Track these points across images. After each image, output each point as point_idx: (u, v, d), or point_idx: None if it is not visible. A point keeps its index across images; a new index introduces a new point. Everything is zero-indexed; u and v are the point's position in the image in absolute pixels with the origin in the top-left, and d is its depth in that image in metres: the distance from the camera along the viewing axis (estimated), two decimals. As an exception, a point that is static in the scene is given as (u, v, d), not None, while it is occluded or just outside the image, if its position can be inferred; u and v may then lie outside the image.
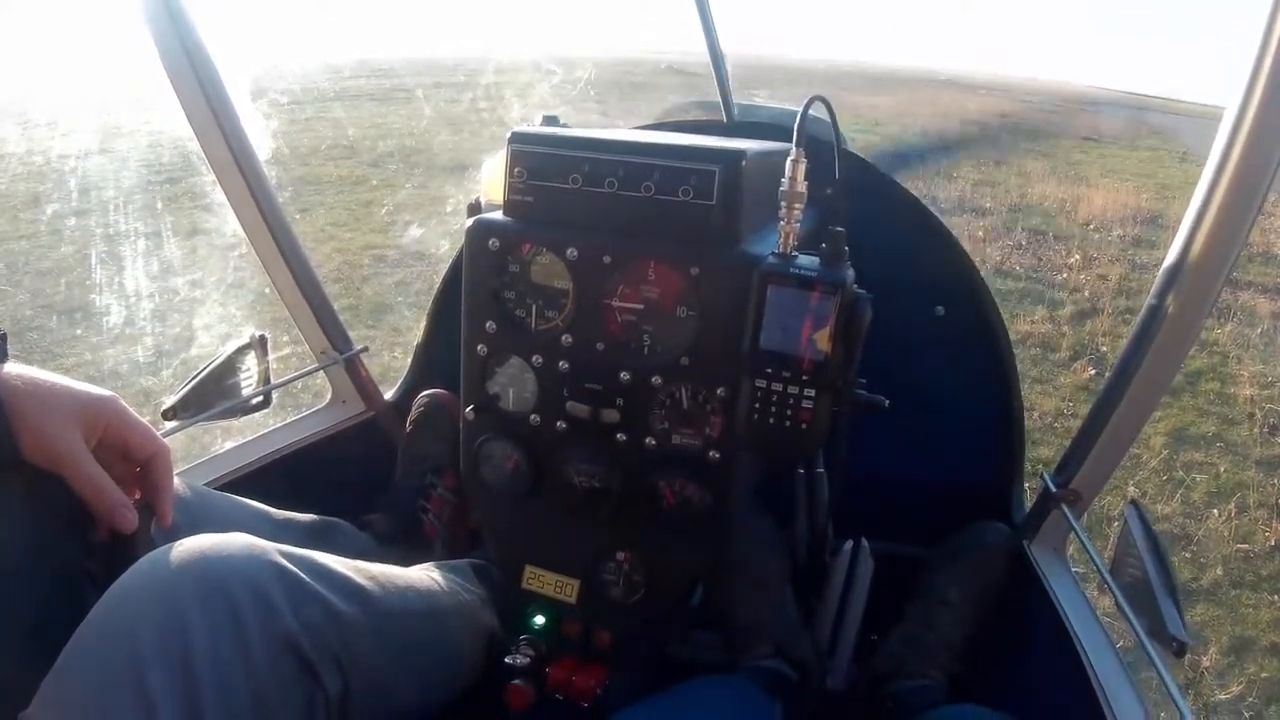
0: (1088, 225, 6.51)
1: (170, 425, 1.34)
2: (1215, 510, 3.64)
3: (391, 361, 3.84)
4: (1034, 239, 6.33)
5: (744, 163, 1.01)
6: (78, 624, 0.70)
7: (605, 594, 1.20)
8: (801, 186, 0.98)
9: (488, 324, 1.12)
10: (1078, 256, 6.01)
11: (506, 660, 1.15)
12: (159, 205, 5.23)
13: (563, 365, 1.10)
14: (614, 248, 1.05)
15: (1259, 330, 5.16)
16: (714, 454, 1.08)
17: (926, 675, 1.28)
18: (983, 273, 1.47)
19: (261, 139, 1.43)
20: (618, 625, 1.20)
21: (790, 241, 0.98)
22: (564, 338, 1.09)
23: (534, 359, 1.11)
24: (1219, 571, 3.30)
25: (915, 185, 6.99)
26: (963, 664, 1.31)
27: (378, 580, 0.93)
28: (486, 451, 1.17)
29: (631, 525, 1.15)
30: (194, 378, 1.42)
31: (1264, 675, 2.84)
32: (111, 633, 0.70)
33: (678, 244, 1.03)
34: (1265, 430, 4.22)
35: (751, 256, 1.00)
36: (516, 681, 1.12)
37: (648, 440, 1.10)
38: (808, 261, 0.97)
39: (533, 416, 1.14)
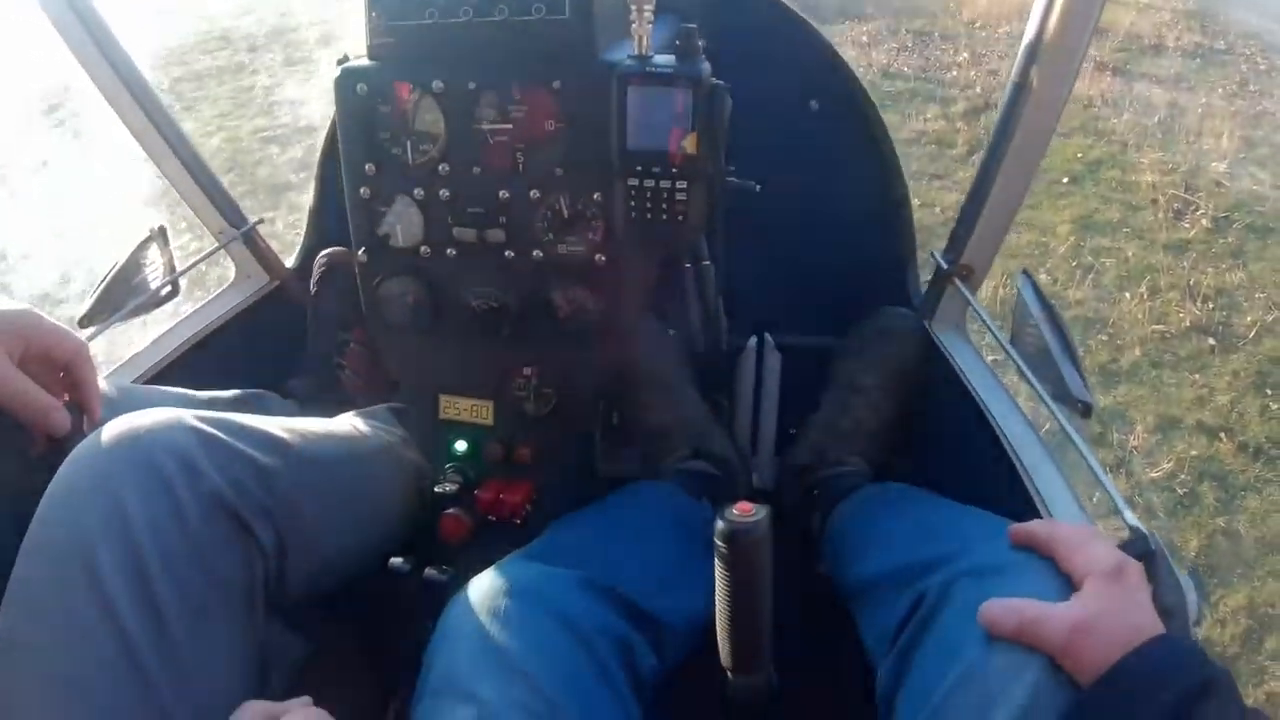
0: (973, 24, 6.33)
1: (88, 332, 1.33)
2: (1127, 294, 3.72)
3: (297, 238, 3.77)
4: (919, 40, 6.12)
5: None
6: None
7: (519, 410, 1.25)
8: None
9: (367, 167, 1.14)
10: (965, 55, 5.87)
11: (435, 490, 1.20)
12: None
13: (444, 193, 1.13)
14: (477, 74, 1.07)
15: (1156, 119, 5.20)
16: (600, 257, 1.13)
17: (848, 461, 1.31)
18: (870, 75, 1.48)
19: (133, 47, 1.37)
20: (536, 439, 1.25)
21: (644, 43, 1.00)
22: (441, 167, 1.12)
23: (415, 192, 1.14)
24: (1138, 352, 3.39)
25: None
26: (883, 449, 1.36)
27: (297, 431, 0.95)
28: (385, 292, 1.19)
29: (534, 339, 1.19)
30: (102, 282, 1.40)
31: (1193, 453, 2.93)
32: (57, 521, 0.73)
33: (538, 62, 1.05)
34: (1170, 215, 4.30)
35: (609, 63, 1.03)
36: (450, 511, 1.17)
37: (535, 253, 1.14)
38: (664, 60, 1.00)
39: (423, 248, 1.17)
